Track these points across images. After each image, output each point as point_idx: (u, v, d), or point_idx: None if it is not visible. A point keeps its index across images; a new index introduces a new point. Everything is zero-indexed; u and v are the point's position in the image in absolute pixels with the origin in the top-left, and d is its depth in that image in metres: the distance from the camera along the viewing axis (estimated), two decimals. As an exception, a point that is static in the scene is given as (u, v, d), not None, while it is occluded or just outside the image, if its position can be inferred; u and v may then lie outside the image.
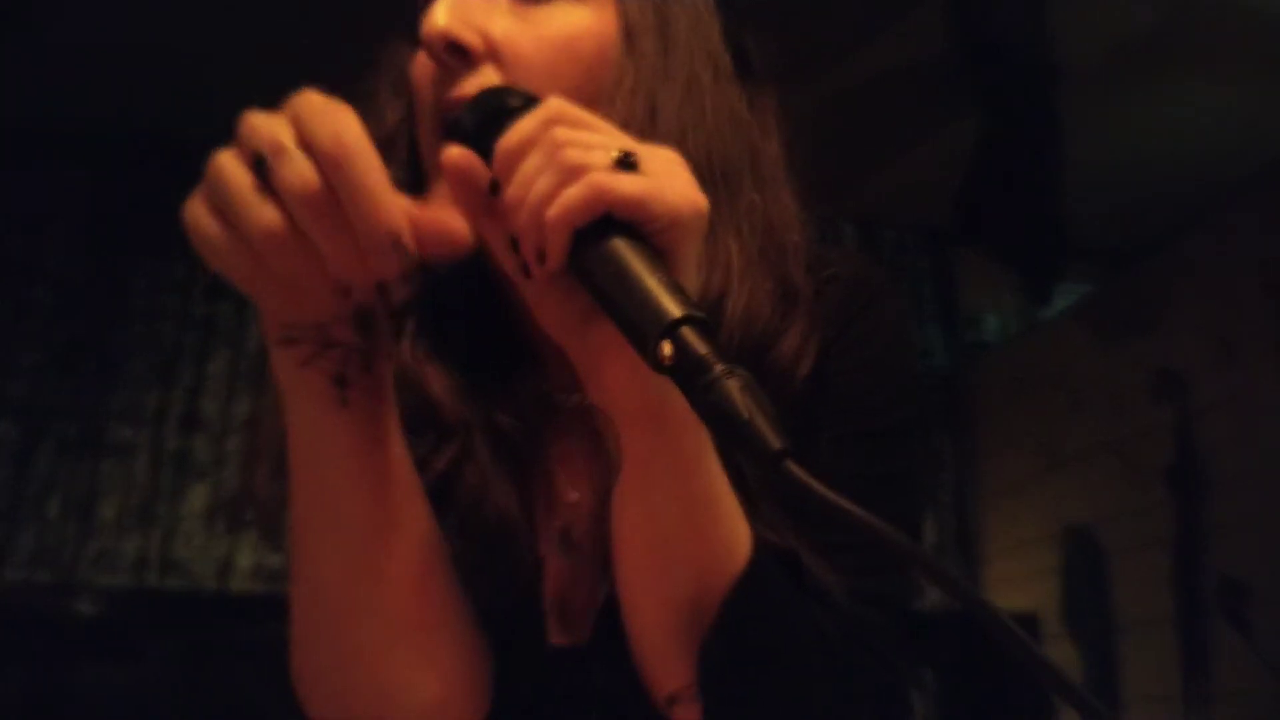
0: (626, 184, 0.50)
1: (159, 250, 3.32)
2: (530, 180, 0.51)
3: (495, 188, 0.53)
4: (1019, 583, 3.45)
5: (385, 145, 0.63)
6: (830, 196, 0.78)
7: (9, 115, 3.16)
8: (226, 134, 0.54)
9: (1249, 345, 2.75)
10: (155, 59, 3.00)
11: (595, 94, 0.65)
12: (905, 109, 3.23)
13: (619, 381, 0.55)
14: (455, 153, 0.54)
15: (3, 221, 3.26)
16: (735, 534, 0.59)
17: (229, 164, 0.50)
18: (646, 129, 0.65)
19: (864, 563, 0.63)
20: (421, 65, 0.68)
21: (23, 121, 3.22)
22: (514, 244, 0.53)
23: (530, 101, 0.56)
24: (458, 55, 0.65)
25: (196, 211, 0.50)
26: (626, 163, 0.51)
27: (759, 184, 0.72)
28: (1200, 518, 2.84)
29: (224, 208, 0.49)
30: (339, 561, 0.61)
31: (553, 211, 0.50)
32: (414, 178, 0.69)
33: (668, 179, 0.52)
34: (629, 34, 0.68)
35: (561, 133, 0.51)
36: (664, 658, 0.60)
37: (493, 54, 0.65)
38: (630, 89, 0.66)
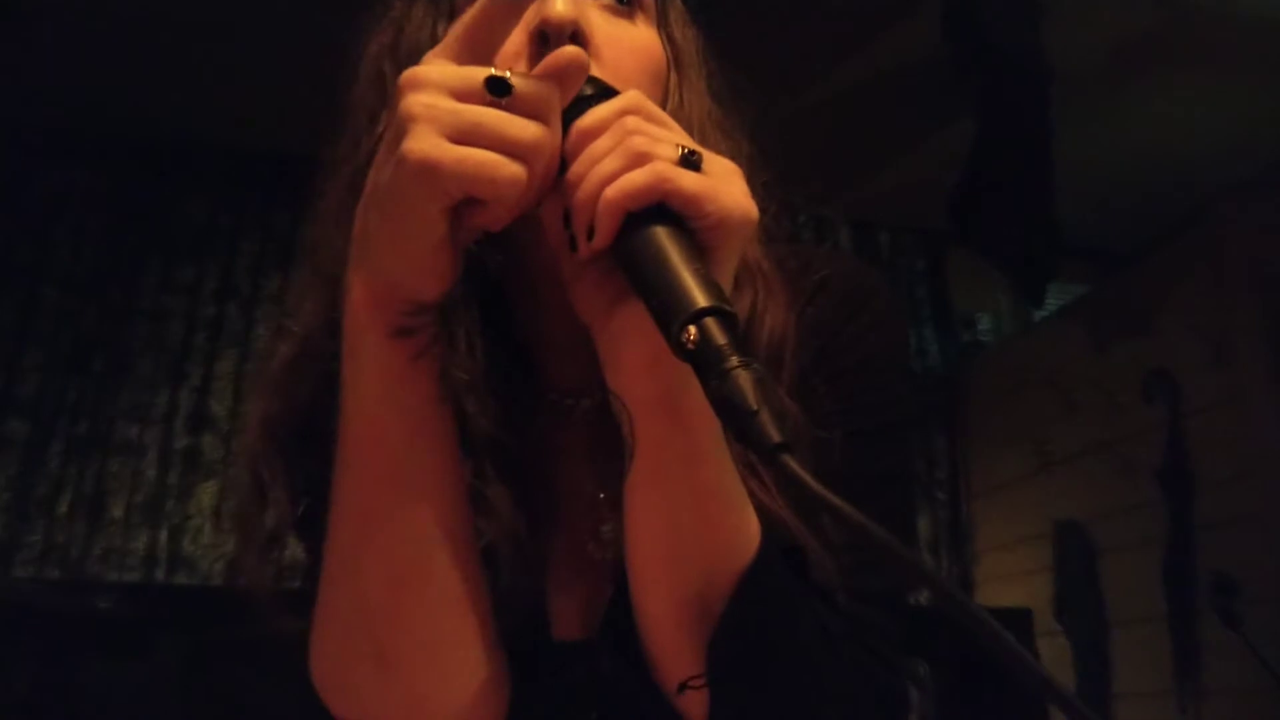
0: (686, 179, 0.52)
1: (166, 251, 3.34)
2: (596, 159, 0.54)
3: (563, 165, 0.55)
4: (1012, 579, 3.46)
5: None
6: (827, 198, 0.79)
7: (16, 116, 3.17)
8: (232, 136, 0.55)
9: (1241, 346, 2.74)
10: (163, 61, 3.00)
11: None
12: (901, 111, 3.23)
13: (638, 367, 0.57)
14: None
15: (11, 222, 3.27)
16: (744, 526, 0.60)
17: (452, 100, 0.52)
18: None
19: (864, 561, 0.64)
20: (515, 47, 0.66)
21: (31, 122, 3.23)
22: (566, 218, 0.55)
23: (604, 91, 0.59)
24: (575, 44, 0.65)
25: (440, 146, 0.51)
26: (690, 160, 0.53)
27: (765, 198, 0.73)
28: (1190, 516, 2.84)
29: (483, 132, 0.51)
30: (392, 570, 0.61)
31: (611, 191, 0.52)
32: None
33: (725, 183, 0.54)
34: (677, 61, 0.72)
35: (634, 121, 0.54)
36: (674, 647, 0.61)
37: (596, 51, 0.66)
38: (674, 110, 0.69)
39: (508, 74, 0.53)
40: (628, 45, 0.68)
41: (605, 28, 0.68)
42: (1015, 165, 2.91)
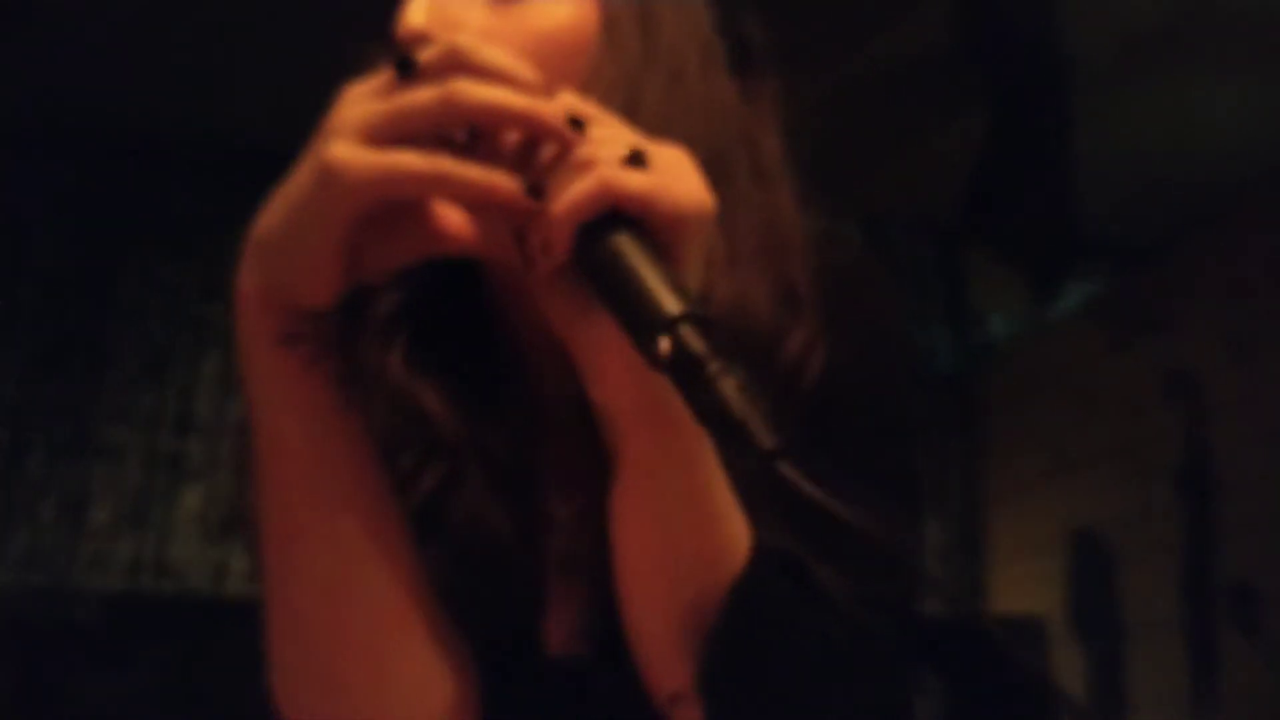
0: (634, 180, 0.51)
1: (148, 250, 3.34)
2: None
3: None
4: (1026, 585, 3.46)
5: None
6: (837, 192, 0.75)
7: None
8: (215, 132, 0.53)
9: (1263, 345, 2.76)
10: (145, 57, 3.00)
11: (575, 88, 0.63)
12: (914, 104, 3.21)
13: (618, 377, 0.55)
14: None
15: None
16: (735, 532, 0.59)
17: (372, 100, 0.53)
18: (628, 121, 0.64)
19: (866, 566, 0.60)
20: None
21: (10, 118, 3.21)
22: (519, 236, 0.53)
23: None
24: None
25: (354, 150, 0.51)
26: (635, 159, 0.51)
27: (755, 178, 0.70)
28: (1209, 521, 2.85)
29: (395, 118, 0.52)
30: (320, 586, 0.60)
31: (560, 205, 0.50)
32: None
33: (675, 177, 0.53)
34: (609, 25, 0.67)
35: None
36: (666, 658, 0.59)
37: None
38: (610, 81, 0.65)
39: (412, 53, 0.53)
40: (509, 35, 0.65)
41: (485, 21, 0.66)
42: (1030, 159, 2.92)
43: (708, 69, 0.69)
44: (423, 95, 0.51)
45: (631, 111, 0.62)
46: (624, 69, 0.66)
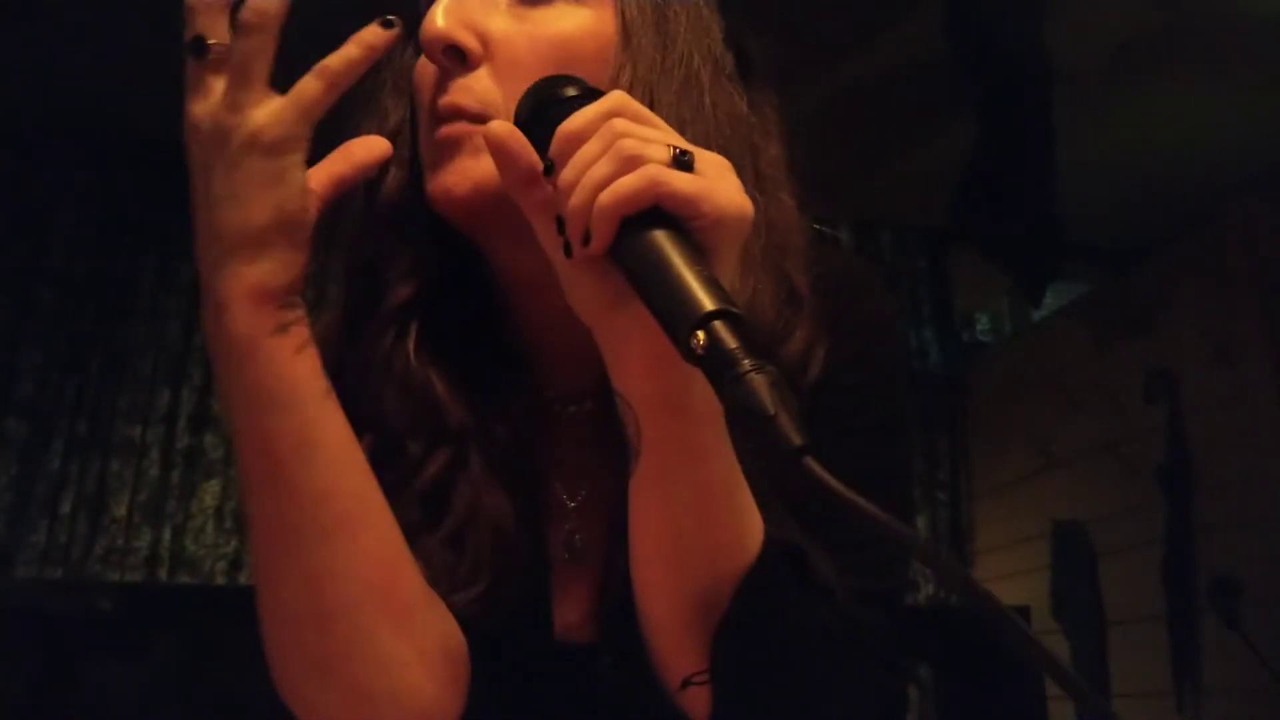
0: (681, 180, 0.52)
1: (164, 250, 3.32)
2: (587, 164, 0.53)
3: (550, 169, 0.55)
4: (1011, 578, 3.46)
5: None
6: (828, 197, 0.77)
7: (14, 113, 3.16)
8: None
9: (1244, 346, 2.74)
10: (163, 58, 2.98)
11: None
12: (904, 110, 3.22)
13: (642, 366, 0.56)
14: (497, 126, 0.57)
15: (8, 220, 3.25)
16: (748, 524, 0.60)
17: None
18: None
19: (862, 561, 0.64)
20: (423, 66, 0.69)
21: (28, 120, 3.21)
22: (560, 223, 0.55)
23: (590, 92, 0.59)
24: (455, 57, 0.66)
25: (242, 113, 0.58)
26: (682, 160, 0.52)
27: (759, 184, 0.71)
28: (1190, 516, 2.83)
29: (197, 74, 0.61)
30: (305, 566, 0.61)
31: (606, 198, 0.51)
32: (416, 177, 0.71)
33: (719, 181, 0.53)
34: (627, 32, 0.68)
35: (622, 124, 0.53)
36: (679, 645, 0.61)
37: (490, 56, 0.66)
38: (626, 86, 0.66)
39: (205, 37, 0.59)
40: (529, 40, 0.67)
41: (506, 26, 0.67)
42: (1017, 164, 2.89)
43: (718, 78, 0.71)
44: (242, 45, 0.58)
45: None
46: (641, 75, 0.67)
